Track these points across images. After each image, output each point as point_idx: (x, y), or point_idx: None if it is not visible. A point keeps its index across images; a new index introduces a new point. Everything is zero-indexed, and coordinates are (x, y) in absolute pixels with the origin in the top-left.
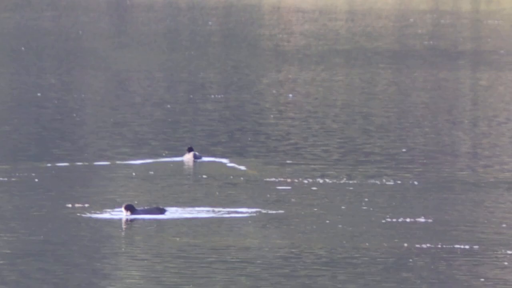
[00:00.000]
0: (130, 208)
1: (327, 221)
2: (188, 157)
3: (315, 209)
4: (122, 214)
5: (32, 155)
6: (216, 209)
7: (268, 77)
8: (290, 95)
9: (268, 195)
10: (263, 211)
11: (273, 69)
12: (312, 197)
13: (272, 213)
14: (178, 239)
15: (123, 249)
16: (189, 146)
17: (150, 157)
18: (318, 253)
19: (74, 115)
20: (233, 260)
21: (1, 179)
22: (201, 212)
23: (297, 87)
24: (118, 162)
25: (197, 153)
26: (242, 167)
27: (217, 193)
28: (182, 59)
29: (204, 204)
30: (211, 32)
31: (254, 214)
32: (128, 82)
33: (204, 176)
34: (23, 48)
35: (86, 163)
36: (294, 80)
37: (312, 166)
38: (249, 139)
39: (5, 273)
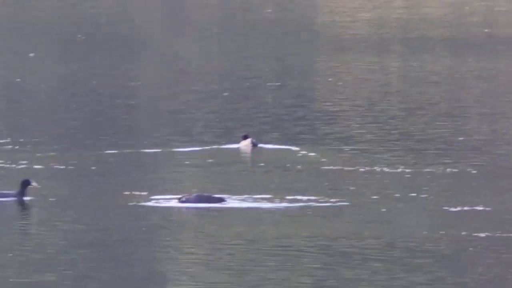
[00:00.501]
0: (183, 199)
1: (383, 210)
2: (245, 144)
3: (373, 197)
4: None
5: (89, 143)
6: (276, 198)
7: (326, 65)
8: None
9: (326, 183)
10: (322, 199)
11: (331, 56)
12: (369, 185)
13: (330, 202)
14: (239, 228)
15: (182, 238)
16: (245, 133)
17: (207, 145)
18: (375, 242)
19: (132, 102)
20: (293, 250)
21: (58, 167)
22: (261, 201)
23: (355, 74)
24: (174, 149)
25: (254, 140)
26: (300, 154)
27: (276, 180)
28: (239, 46)
29: (264, 192)
30: (269, 19)
31: (313, 203)
32: (183, 70)
33: (262, 164)
34: (79, 36)
35: (143, 151)
36: (352, 67)
37: (369, 153)
38: (307, 126)
39: (63, 263)
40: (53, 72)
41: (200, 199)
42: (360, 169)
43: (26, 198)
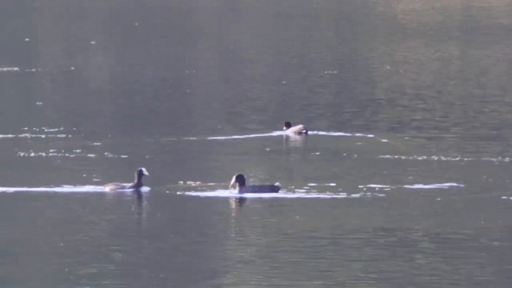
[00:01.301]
0: (240, 180)
1: (438, 199)
2: (295, 130)
3: (429, 186)
4: (232, 189)
5: (144, 131)
6: (330, 187)
7: (383, 53)
8: (402, 70)
9: (379, 172)
10: (376, 188)
11: (387, 44)
12: (426, 173)
13: (384, 191)
14: (297, 217)
15: (235, 229)
16: (286, 121)
17: (262, 132)
18: (433, 232)
19: (188, 91)
20: (349, 240)
21: (111, 155)
22: (315, 190)
23: (412, 62)
24: (229, 137)
25: (305, 126)
26: (356, 143)
27: (332, 169)
28: (296, 36)
29: (317, 181)
30: (324, 11)
31: (367, 193)
32: (240, 59)
33: (318, 152)
34: (136, 24)
35: (197, 138)
36: (409, 56)
37: (428, 142)
38: (360, 114)
39: (114, 253)
40: (112, 60)
41: (254, 189)
42: (417, 158)
43: (143, 189)
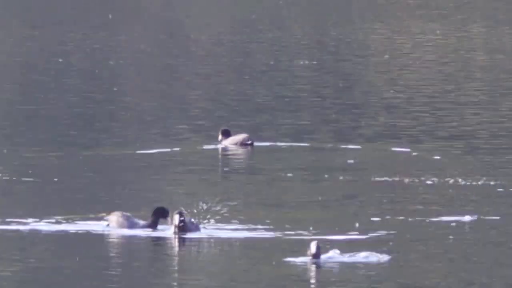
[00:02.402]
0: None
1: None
2: (236, 141)
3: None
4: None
5: (50, 143)
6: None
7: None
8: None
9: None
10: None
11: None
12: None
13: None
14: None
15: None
16: (224, 128)
17: (194, 144)
18: None
19: (115, 88)
20: None
21: (7, 177)
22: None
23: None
24: (147, 151)
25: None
26: (326, 157)
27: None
28: (266, 15)
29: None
30: None
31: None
32: (185, 47)
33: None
34: (110, 16)
35: (114, 153)
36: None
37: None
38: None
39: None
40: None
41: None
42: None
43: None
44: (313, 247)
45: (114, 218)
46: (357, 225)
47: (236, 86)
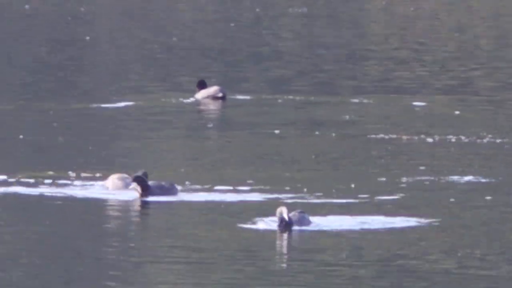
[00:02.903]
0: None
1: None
2: (208, 94)
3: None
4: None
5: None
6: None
7: None
8: None
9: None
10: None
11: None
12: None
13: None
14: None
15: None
16: (200, 79)
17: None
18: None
19: (87, 37)
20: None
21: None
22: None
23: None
24: (119, 104)
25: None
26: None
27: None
28: None
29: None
30: None
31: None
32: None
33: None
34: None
35: (90, 105)
36: None
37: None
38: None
39: None
40: None
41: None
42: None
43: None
44: (284, 213)
45: (110, 181)
46: (352, 186)
47: (222, 38)
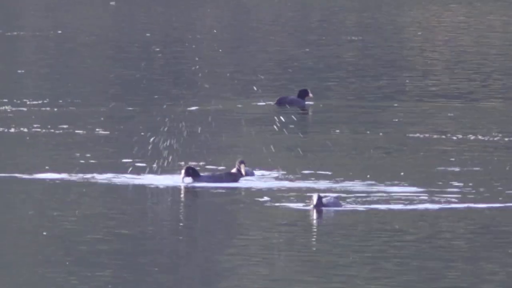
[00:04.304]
0: (192, 172)
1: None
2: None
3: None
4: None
5: (137, 100)
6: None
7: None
8: None
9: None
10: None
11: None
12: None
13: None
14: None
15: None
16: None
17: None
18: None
19: (196, 58)
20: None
21: (103, 131)
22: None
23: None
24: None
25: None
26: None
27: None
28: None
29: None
30: None
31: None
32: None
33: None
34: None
35: (199, 108)
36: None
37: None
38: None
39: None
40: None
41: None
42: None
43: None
44: (314, 198)
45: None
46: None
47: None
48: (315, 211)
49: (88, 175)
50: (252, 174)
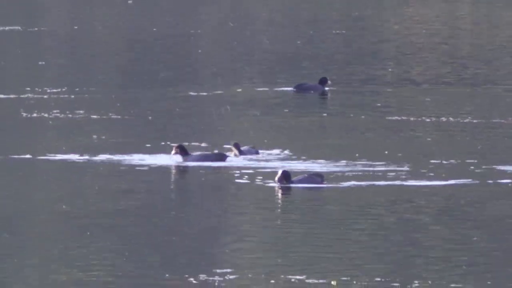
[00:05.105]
0: (182, 150)
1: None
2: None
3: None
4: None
5: (150, 88)
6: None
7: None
8: None
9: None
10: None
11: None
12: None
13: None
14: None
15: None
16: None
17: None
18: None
19: (199, 51)
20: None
21: (117, 116)
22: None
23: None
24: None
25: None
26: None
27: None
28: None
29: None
30: None
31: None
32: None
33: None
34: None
35: (207, 93)
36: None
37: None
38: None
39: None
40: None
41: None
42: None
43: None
44: (279, 173)
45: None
46: (357, 155)
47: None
48: (278, 186)
49: (103, 156)
50: (256, 153)
